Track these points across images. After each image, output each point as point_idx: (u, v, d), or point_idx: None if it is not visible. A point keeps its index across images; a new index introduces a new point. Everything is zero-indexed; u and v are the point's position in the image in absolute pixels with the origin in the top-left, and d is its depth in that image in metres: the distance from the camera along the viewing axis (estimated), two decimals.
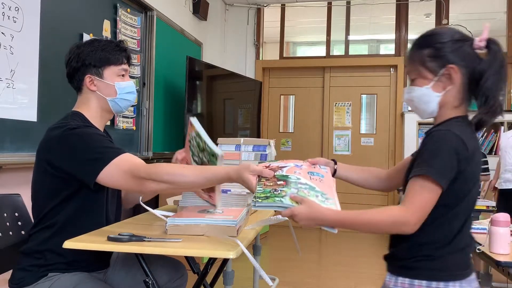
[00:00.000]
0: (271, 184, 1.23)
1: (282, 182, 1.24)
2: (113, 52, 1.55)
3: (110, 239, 1.25)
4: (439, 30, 1.25)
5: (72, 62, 1.54)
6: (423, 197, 1.09)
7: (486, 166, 3.80)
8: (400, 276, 1.17)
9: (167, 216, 1.43)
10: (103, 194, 1.50)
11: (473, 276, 1.18)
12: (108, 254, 1.58)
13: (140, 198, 1.61)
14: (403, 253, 1.18)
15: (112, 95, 1.56)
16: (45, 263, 1.42)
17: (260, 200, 1.17)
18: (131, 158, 1.37)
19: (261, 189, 1.21)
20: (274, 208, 1.18)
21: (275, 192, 1.19)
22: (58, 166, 1.40)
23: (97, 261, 1.51)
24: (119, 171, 1.33)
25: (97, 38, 1.61)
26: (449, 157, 1.09)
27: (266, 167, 1.31)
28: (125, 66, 1.60)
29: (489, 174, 3.81)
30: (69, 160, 1.38)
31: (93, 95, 1.55)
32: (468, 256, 1.18)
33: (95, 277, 1.51)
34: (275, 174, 1.28)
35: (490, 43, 1.18)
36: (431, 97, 1.20)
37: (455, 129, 1.13)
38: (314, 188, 1.25)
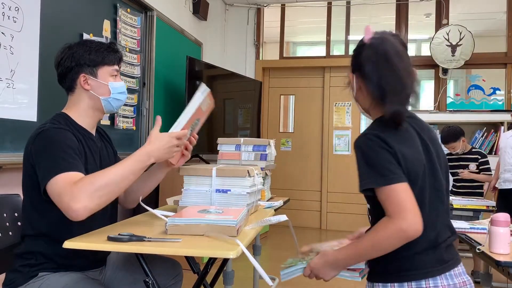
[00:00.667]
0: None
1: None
2: (106, 53, 1.57)
3: (110, 239, 1.25)
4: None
5: (65, 62, 1.54)
6: (397, 199, 1.07)
7: (487, 166, 3.79)
8: (375, 282, 1.18)
9: (167, 216, 1.43)
10: None
11: (457, 270, 1.15)
12: (103, 253, 1.57)
13: (140, 198, 1.61)
14: (375, 258, 1.17)
15: (106, 94, 1.56)
16: (36, 262, 1.42)
17: (284, 268, 1.25)
18: (76, 177, 1.32)
19: (291, 260, 1.28)
20: (297, 271, 1.24)
21: (302, 260, 1.25)
22: (35, 168, 1.40)
23: (91, 258, 1.50)
24: (59, 187, 1.29)
25: (89, 39, 1.62)
26: (380, 156, 1.10)
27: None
28: (117, 67, 1.61)
29: (491, 174, 3.79)
30: (37, 161, 1.38)
31: (86, 94, 1.55)
32: (443, 251, 1.15)
33: (89, 276, 1.50)
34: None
35: (371, 40, 1.19)
36: (357, 104, 1.30)
37: (372, 129, 1.16)
38: None
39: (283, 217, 1.52)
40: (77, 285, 1.40)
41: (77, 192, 1.27)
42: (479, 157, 3.77)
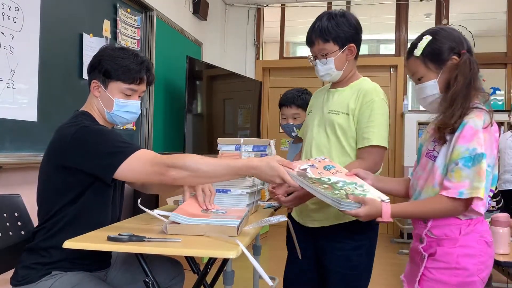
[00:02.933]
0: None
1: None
2: (127, 69, 1.52)
3: (110, 239, 1.25)
4: None
5: (94, 59, 1.55)
6: None
7: None
8: None
9: (166, 216, 1.42)
10: (111, 190, 1.52)
11: None
12: (109, 253, 1.59)
13: (139, 200, 1.62)
14: None
15: (109, 108, 1.55)
16: (50, 260, 1.43)
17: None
18: (150, 151, 1.41)
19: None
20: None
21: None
22: (73, 166, 1.41)
23: (99, 259, 1.52)
24: (140, 162, 1.35)
25: (127, 48, 1.60)
26: None
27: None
28: (136, 87, 1.56)
29: None
30: (85, 157, 1.39)
31: (96, 100, 1.56)
32: None
33: (97, 276, 1.52)
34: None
35: None
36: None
37: None
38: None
39: (283, 217, 1.52)
40: (87, 285, 1.42)
41: (175, 159, 1.34)
42: None
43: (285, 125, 2.35)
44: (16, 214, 1.65)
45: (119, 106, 1.54)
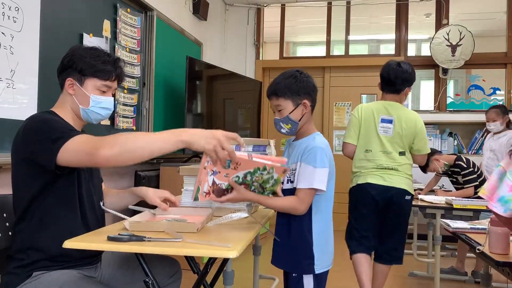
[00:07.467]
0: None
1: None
2: (102, 67, 1.55)
3: (110, 239, 1.25)
4: None
5: (65, 59, 1.57)
6: None
7: (469, 177, 3.55)
8: None
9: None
10: (75, 188, 1.50)
11: None
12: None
13: (102, 202, 1.63)
14: None
15: (85, 105, 1.56)
16: (29, 262, 1.42)
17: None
18: (88, 135, 1.39)
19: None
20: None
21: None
22: (25, 156, 1.41)
23: (83, 256, 1.50)
24: (76, 145, 1.33)
25: (99, 48, 1.61)
26: None
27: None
28: (110, 83, 1.59)
29: (474, 185, 3.54)
30: (32, 144, 1.39)
31: (70, 98, 1.56)
32: None
33: (84, 274, 1.50)
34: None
35: None
36: None
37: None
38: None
39: (243, 214, 1.57)
40: (74, 285, 1.40)
41: (103, 139, 1.31)
42: (459, 170, 3.61)
43: (274, 120, 1.85)
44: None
45: (96, 102, 1.56)
